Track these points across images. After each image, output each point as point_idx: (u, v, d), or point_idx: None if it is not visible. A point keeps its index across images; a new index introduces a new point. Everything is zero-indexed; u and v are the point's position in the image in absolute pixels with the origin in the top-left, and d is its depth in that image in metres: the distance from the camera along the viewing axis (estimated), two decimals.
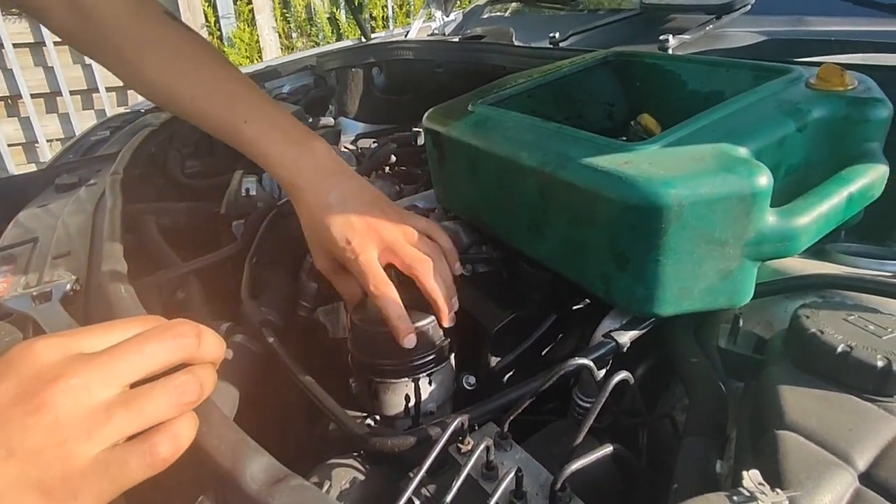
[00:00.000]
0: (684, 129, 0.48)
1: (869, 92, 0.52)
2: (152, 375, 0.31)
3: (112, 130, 1.38)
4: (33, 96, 3.01)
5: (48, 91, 3.05)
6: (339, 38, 3.61)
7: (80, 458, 0.27)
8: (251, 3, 3.25)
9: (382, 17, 3.71)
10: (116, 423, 0.28)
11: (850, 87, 0.53)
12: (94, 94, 3.13)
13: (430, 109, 0.72)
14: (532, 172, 0.52)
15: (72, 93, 3.07)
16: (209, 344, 0.34)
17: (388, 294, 0.52)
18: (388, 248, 0.55)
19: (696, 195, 0.41)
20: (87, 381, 0.28)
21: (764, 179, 0.42)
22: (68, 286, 0.55)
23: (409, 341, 0.51)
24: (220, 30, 3.24)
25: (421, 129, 1.17)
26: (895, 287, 0.43)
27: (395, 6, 3.76)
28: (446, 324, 0.54)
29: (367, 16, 3.61)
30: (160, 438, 0.29)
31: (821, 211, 0.45)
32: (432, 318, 0.53)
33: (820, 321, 0.38)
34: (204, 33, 3.22)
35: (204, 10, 3.16)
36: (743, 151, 0.46)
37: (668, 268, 0.44)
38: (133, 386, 0.30)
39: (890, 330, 0.36)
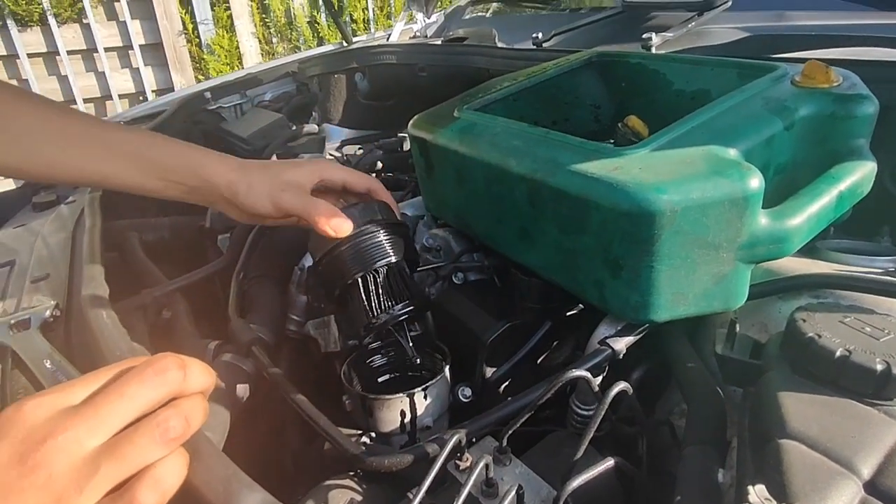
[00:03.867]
0: (673, 131, 0.48)
1: (854, 88, 0.52)
2: (142, 416, 0.30)
3: None
4: None
5: None
6: (320, 41, 3.58)
7: None
8: (229, 9, 3.20)
9: (363, 19, 3.68)
10: (104, 473, 0.28)
11: (835, 84, 0.53)
12: (71, 106, 3.07)
13: (416, 116, 0.71)
14: (521, 180, 0.51)
15: None
16: (195, 374, 0.33)
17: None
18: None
19: (688, 200, 0.41)
20: (76, 434, 0.28)
21: (755, 182, 0.41)
22: (47, 312, 0.53)
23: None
24: (198, 36, 3.20)
25: (406, 135, 1.16)
26: (888, 285, 0.43)
27: (375, 8, 3.74)
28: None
29: (347, 18, 3.58)
30: (140, 487, 0.28)
31: (812, 211, 0.45)
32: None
33: (817, 324, 0.37)
34: (182, 40, 3.18)
35: (181, 16, 3.11)
36: (733, 153, 0.45)
37: (662, 274, 0.44)
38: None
39: (887, 331, 0.36)
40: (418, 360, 0.56)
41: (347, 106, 1.43)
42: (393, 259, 0.54)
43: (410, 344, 0.55)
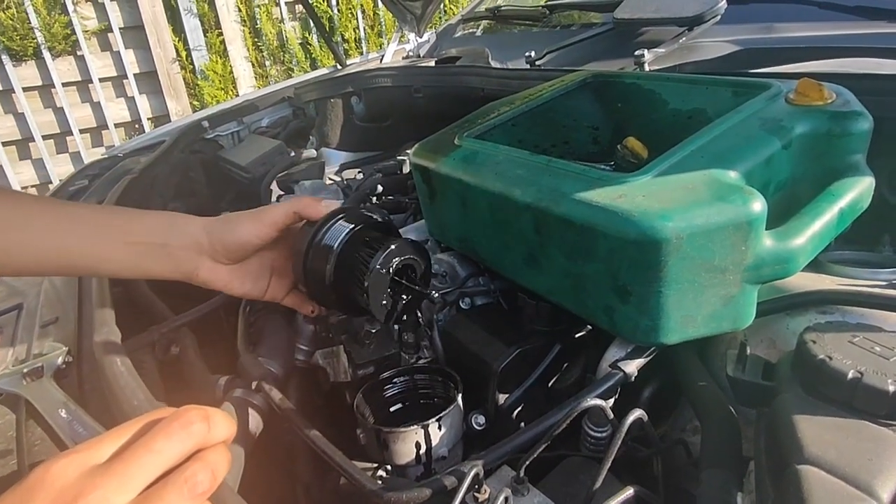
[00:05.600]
0: (673, 156, 0.49)
1: (848, 105, 0.53)
2: (169, 470, 0.30)
3: (91, 178, 1.35)
4: (5, 144, 2.96)
5: (20, 137, 3.00)
6: (313, 63, 3.61)
7: None
8: (222, 35, 3.23)
9: (355, 38, 3.72)
10: None
11: (829, 101, 0.54)
12: (67, 138, 3.08)
13: (417, 144, 0.72)
14: (526, 208, 0.52)
15: (44, 137, 3.02)
16: (219, 425, 0.33)
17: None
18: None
19: (693, 226, 0.41)
20: (105, 493, 0.28)
21: (758, 205, 0.42)
22: (59, 360, 0.53)
23: None
24: (192, 63, 3.22)
25: (405, 158, 1.17)
26: (893, 300, 0.44)
27: (366, 27, 3.77)
28: None
29: (338, 38, 3.62)
30: None
31: (815, 230, 0.45)
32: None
33: (826, 346, 0.38)
34: (176, 68, 3.20)
35: (175, 44, 3.14)
36: (733, 176, 0.46)
37: (670, 298, 0.44)
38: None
39: None
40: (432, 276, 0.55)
41: (345, 129, 1.45)
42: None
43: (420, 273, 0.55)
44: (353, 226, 0.54)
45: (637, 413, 0.40)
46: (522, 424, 0.58)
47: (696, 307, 0.45)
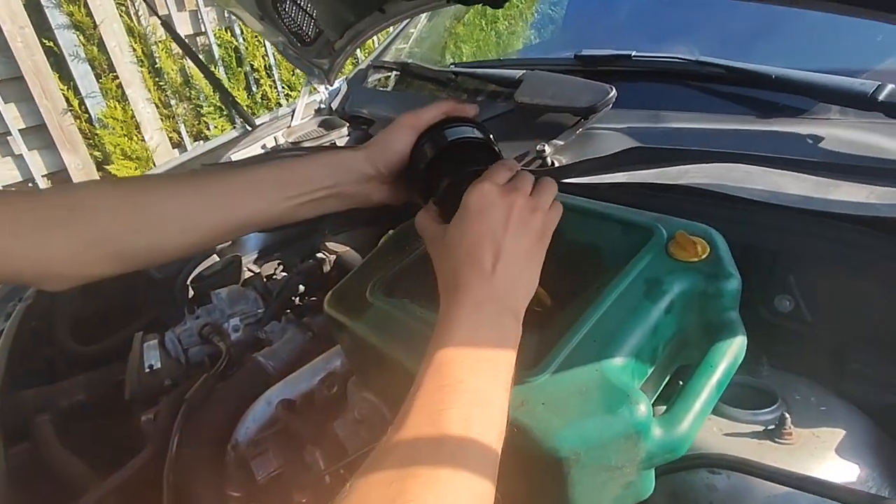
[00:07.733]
0: (567, 345, 0.52)
1: (720, 262, 0.58)
2: None
3: None
4: None
5: None
6: None
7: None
8: (118, 78, 3.02)
9: (265, 66, 3.59)
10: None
11: (703, 257, 0.59)
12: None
13: (330, 294, 0.72)
14: None
15: None
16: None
17: None
18: None
19: (588, 441, 0.45)
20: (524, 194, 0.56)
21: (642, 409, 0.46)
22: None
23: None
24: (87, 112, 2.99)
25: (324, 256, 1.16)
26: (768, 471, 0.49)
27: (275, 53, 3.65)
28: None
29: (247, 68, 3.48)
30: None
31: (696, 410, 0.50)
32: None
33: None
34: (69, 118, 2.96)
35: (64, 93, 2.89)
36: (622, 363, 0.50)
37: (576, 494, 0.48)
38: None
39: None
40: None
41: None
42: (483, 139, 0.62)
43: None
44: (478, 135, 0.61)
45: None
46: None
47: (601, 497, 0.49)
